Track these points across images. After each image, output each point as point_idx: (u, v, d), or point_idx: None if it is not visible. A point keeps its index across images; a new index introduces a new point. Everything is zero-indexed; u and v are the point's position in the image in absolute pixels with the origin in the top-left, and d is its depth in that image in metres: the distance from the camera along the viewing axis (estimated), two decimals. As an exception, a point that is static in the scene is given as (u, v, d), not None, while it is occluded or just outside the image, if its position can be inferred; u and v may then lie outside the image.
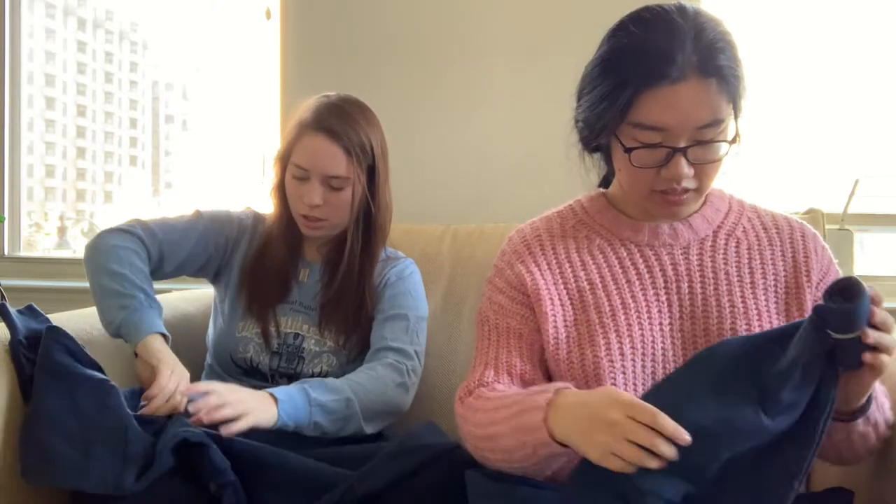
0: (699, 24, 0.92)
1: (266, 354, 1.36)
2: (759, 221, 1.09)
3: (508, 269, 1.09)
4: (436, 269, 1.59)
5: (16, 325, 1.12)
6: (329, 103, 1.35)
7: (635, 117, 0.93)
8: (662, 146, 0.93)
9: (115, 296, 1.24)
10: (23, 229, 2.29)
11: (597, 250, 1.07)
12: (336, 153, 1.31)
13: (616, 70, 0.94)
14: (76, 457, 1.01)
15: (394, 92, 1.89)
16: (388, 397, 1.28)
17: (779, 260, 1.06)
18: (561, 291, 1.05)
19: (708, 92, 0.91)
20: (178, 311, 1.53)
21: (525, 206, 1.38)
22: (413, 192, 1.87)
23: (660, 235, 1.06)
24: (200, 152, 2.53)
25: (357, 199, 1.35)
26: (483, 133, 1.88)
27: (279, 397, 1.17)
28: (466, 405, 1.02)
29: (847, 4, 2.02)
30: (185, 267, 1.40)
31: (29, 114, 2.32)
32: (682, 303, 1.03)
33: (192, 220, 1.41)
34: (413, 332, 1.37)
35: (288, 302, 1.40)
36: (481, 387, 1.02)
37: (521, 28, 1.87)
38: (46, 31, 2.43)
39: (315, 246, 1.44)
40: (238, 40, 2.27)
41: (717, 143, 0.93)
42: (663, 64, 0.90)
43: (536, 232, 1.11)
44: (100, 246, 1.29)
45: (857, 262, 1.85)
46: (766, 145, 2.00)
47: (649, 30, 0.93)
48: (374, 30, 1.91)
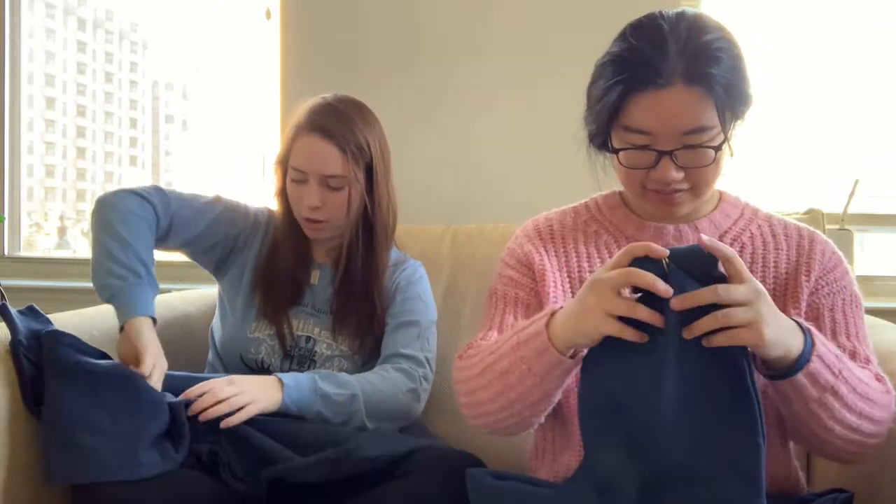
0: (692, 32, 0.95)
1: (278, 357, 1.36)
2: (769, 229, 1.10)
3: (519, 249, 1.14)
4: (436, 269, 1.59)
5: (16, 326, 1.13)
6: (324, 104, 1.35)
7: (624, 120, 0.97)
8: (650, 149, 0.96)
9: (116, 262, 1.23)
10: (23, 229, 2.29)
11: (602, 245, 1.11)
12: (331, 152, 1.30)
13: (610, 73, 0.97)
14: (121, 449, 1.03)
15: (393, 92, 1.89)
16: (397, 401, 1.29)
17: (782, 264, 1.07)
18: (564, 278, 1.10)
19: (693, 99, 0.93)
20: (178, 311, 1.53)
21: (525, 206, 1.38)
22: (413, 192, 1.86)
23: (664, 236, 1.08)
24: (200, 152, 2.53)
25: (356, 198, 1.34)
26: (483, 133, 1.89)
27: (286, 382, 1.21)
28: (464, 357, 1.05)
29: (847, 5, 2.02)
30: (190, 245, 1.39)
31: (29, 114, 2.32)
32: None
33: (209, 203, 1.40)
34: (424, 338, 1.38)
35: (300, 305, 1.40)
36: (482, 342, 1.06)
37: (522, 28, 1.87)
38: (46, 31, 2.43)
39: (324, 249, 1.43)
40: (238, 40, 2.27)
41: (705, 149, 0.95)
42: (649, 70, 0.93)
43: (549, 222, 1.15)
44: (114, 204, 1.28)
45: (857, 262, 1.85)
46: (766, 145, 2.00)
47: (641, 37, 0.97)
48: (374, 30, 1.91)
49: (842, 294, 1.06)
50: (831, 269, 1.06)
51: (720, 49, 0.94)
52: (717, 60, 0.94)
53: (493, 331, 1.09)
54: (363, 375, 1.29)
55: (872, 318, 1.42)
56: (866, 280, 1.95)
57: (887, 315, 1.50)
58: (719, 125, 0.94)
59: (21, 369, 1.10)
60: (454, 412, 1.30)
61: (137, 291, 1.23)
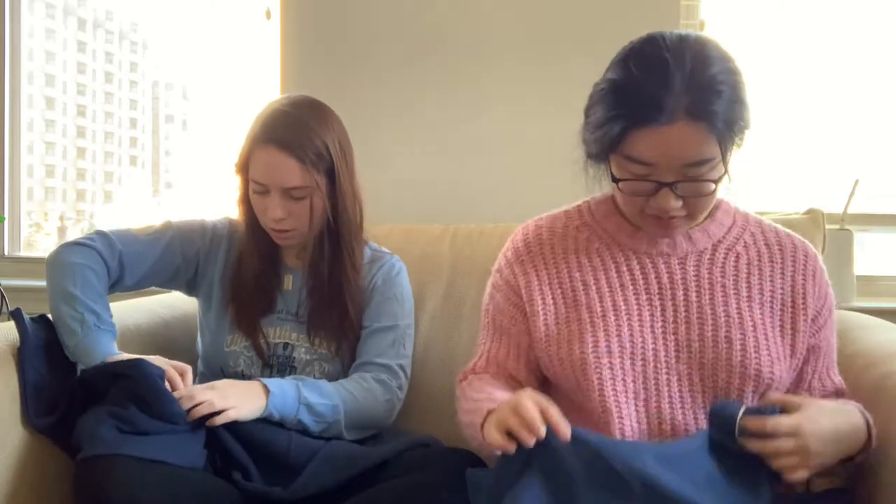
0: (696, 65, 0.94)
1: (258, 367, 1.35)
2: (762, 238, 1.12)
3: (507, 270, 1.18)
4: (436, 269, 1.59)
5: (27, 333, 1.12)
6: (277, 111, 1.30)
7: (625, 150, 0.97)
8: (650, 179, 0.97)
9: (69, 319, 1.20)
10: (23, 229, 2.29)
11: (594, 253, 1.12)
12: (289, 164, 1.26)
13: (611, 104, 0.97)
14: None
15: (394, 92, 1.89)
16: (375, 412, 1.30)
17: (777, 277, 1.09)
18: (555, 290, 1.12)
19: (697, 134, 0.93)
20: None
21: (525, 206, 1.38)
22: (413, 191, 1.87)
23: (657, 245, 1.10)
24: (200, 152, 2.53)
25: (320, 204, 1.30)
26: (484, 133, 1.88)
27: (272, 390, 1.20)
28: (461, 389, 1.17)
29: (847, 5, 2.02)
30: (150, 279, 1.37)
31: (29, 114, 2.32)
32: (676, 309, 1.07)
33: (157, 232, 1.37)
34: (400, 343, 1.37)
35: (274, 312, 1.38)
36: (473, 374, 1.18)
37: (522, 29, 1.87)
38: (46, 31, 2.43)
39: (294, 252, 1.41)
40: (238, 40, 2.26)
41: (706, 181, 0.97)
42: (652, 108, 0.93)
43: (539, 231, 1.17)
44: (56, 261, 1.26)
45: (857, 262, 1.85)
46: (767, 145, 2.00)
47: (644, 70, 0.96)
48: (374, 30, 1.91)
49: (829, 323, 1.11)
50: (824, 296, 1.11)
51: (723, 82, 0.94)
52: (720, 94, 0.94)
53: (482, 359, 1.18)
54: (343, 385, 1.29)
55: (872, 318, 1.42)
56: (866, 280, 1.95)
57: (887, 315, 1.50)
58: (720, 157, 0.95)
59: (24, 379, 1.09)
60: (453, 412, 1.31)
61: (91, 339, 1.19)
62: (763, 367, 1.03)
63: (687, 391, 1.04)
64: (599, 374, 1.04)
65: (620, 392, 1.03)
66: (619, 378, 1.04)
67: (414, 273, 1.50)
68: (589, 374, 1.04)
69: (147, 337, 1.43)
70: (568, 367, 1.07)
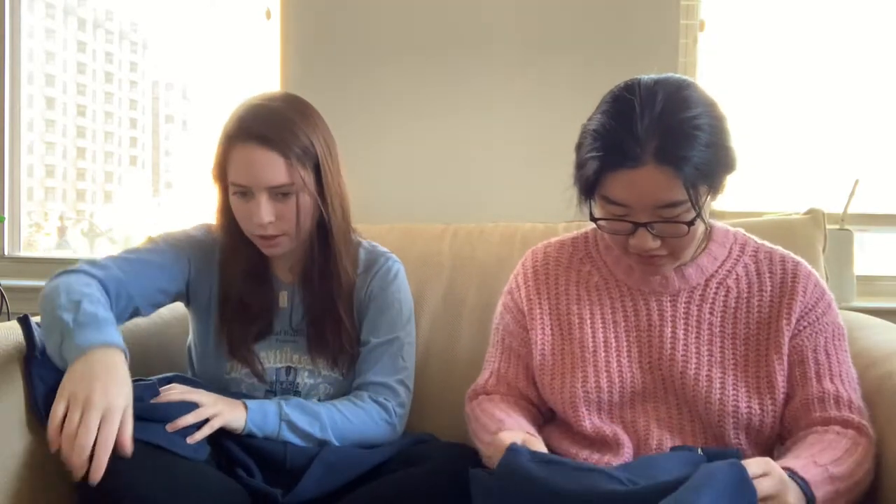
0: (667, 106, 0.97)
1: (260, 393, 1.28)
2: (754, 267, 1.13)
3: (517, 291, 1.23)
4: (436, 269, 1.59)
5: (34, 340, 1.08)
6: (254, 106, 1.21)
7: (602, 191, 1.01)
8: (627, 220, 1.01)
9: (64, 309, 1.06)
10: (23, 229, 2.29)
11: (593, 288, 1.17)
12: (274, 160, 1.15)
13: (589, 145, 1.01)
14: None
15: (394, 92, 1.90)
16: (371, 432, 1.23)
17: (765, 306, 1.11)
18: (553, 322, 1.17)
19: (664, 177, 0.96)
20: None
21: (525, 206, 1.38)
22: (413, 191, 1.87)
23: (650, 282, 1.13)
24: (200, 152, 2.53)
25: (309, 203, 1.21)
26: (484, 133, 1.89)
27: (249, 407, 1.14)
28: (471, 408, 1.21)
29: (847, 5, 2.02)
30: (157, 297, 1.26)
31: (29, 114, 2.32)
32: (662, 347, 1.10)
33: (145, 250, 1.26)
34: (399, 356, 1.29)
35: (272, 334, 1.29)
36: (483, 394, 1.22)
37: (523, 29, 1.87)
38: (46, 31, 2.43)
39: (286, 265, 1.32)
40: (238, 40, 2.26)
41: (678, 223, 0.99)
42: (618, 153, 0.97)
43: (546, 260, 1.22)
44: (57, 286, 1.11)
45: (857, 262, 1.85)
46: (766, 145, 2.00)
47: (615, 113, 1.00)
48: (374, 29, 1.91)
49: (824, 332, 1.09)
50: (813, 306, 1.10)
51: (697, 126, 0.96)
52: (691, 139, 0.95)
53: (493, 377, 1.22)
54: (335, 404, 1.22)
55: (872, 318, 1.42)
56: (866, 280, 1.95)
57: (887, 315, 1.50)
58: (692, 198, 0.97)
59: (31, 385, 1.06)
60: (457, 410, 1.31)
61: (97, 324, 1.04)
62: (741, 404, 1.05)
63: (676, 425, 1.08)
64: (588, 407, 1.10)
65: (606, 424, 1.09)
66: (606, 412, 1.10)
67: (413, 273, 1.49)
68: (578, 408, 1.10)
69: (147, 337, 1.42)
70: (558, 398, 1.13)
